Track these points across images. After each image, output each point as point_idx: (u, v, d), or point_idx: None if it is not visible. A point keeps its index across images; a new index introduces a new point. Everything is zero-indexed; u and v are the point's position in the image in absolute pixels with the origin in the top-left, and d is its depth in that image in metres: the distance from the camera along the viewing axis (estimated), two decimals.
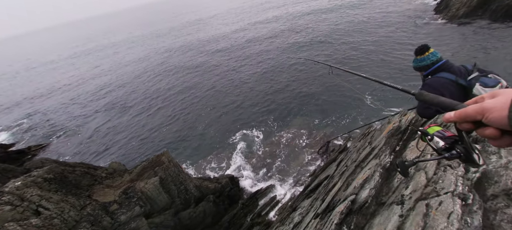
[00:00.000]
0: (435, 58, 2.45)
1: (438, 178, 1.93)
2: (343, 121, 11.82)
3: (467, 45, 15.24)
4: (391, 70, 14.70)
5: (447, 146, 0.81)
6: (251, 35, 31.89)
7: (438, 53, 2.49)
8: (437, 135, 0.89)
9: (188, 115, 15.92)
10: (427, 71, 2.50)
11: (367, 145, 4.19)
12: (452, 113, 0.61)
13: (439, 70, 2.41)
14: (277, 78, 17.89)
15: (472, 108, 0.56)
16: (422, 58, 2.50)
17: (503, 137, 0.52)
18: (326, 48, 20.86)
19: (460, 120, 0.59)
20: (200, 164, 11.58)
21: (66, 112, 21.43)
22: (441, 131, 0.91)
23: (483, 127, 0.55)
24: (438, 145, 0.86)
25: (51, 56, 60.44)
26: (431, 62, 2.46)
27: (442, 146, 0.84)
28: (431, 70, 2.46)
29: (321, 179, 5.26)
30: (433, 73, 2.44)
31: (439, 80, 2.33)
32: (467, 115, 0.57)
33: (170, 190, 6.56)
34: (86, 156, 14.30)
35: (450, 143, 0.81)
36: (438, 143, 0.87)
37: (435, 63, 2.46)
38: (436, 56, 2.46)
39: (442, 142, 0.85)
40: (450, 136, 0.85)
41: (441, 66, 2.41)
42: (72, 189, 4.63)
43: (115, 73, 30.53)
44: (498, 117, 0.50)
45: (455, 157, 0.76)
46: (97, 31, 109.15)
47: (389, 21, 23.44)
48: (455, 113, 0.60)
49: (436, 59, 2.45)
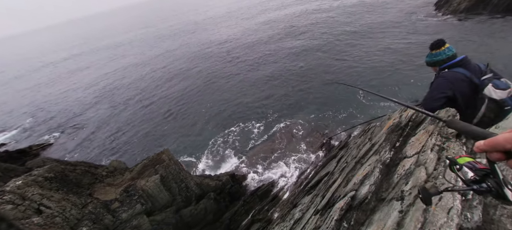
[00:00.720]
0: (450, 53, 2.40)
1: (438, 173, 1.92)
2: (343, 116, 11.81)
3: (468, 40, 15.16)
4: (391, 67, 14.64)
5: (477, 178, 0.76)
6: (250, 33, 31.73)
7: (453, 48, 2.43)
8: (467, 166, 0.83)
9: (188, 112, 15.92)
10: (442, 66, 2.43)
11: (367, 141, 4.19)
12: (482, 142, 0.58)
13: (455, 66, 2.34)
14: (276, 75, 17.85)
15: (502, 137, 0.53)
16: (437, 53, 2.45)
17: None
18: (326, 45, 20.75)
19: (490, 149, 0.56)
20: (201, 162, 11.62)
21: (67, 112, 21.46)
22: (472, 162, 0.86)
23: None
24: (467, 176, 0.81)
25: (50, 56, 60.36)
26: (446, 57, 2.42)
27: (471, 177, 0.79)
28: (447, 65, 2.39)
29: (321, 176, 5.27)
30: (450, 67, 2.37)
31: (455, 75, 2.29)
32: (498, 143, 0.54)
33: (171, 188, 6.59)
34: (86, 155, 14.35)
35: (480, 176, 0.76)
36: (467, 173, 0.82)
37: (451, 58, 2.41)
38: (452, 51, 2.40)
39: (471, 173, 0.80)
40: (482, 168, 0.80)
41: (459, 62, 2.35)
42: (73, 188, 4.65)
43: (114, 72, 30.48)
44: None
45: (485, 192, 0.72)
46: (95, 31, 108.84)
47: (388, 17, 23.29)
48: (485, 142, 0.57)
49: (452, 55, 2.40)
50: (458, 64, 2.33)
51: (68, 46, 73.52)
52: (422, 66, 3.48)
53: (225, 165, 11.00)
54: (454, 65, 2.34)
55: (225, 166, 10.93)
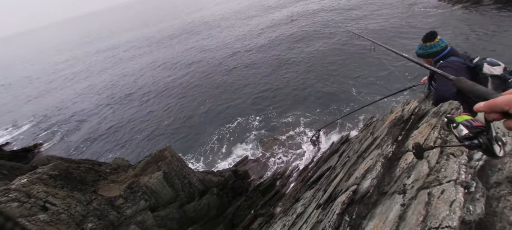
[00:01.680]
0: (444, 45, 2.51)
1: (440, 166, 1.91)
2: (343, 110, 11.77)
3: (471, 31, 14.90)
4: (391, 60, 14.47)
5: (471, 135, 0.80)
6: (249, 30, 31.45)
7: (445, 40, 2.54)
8: (463, 124, 0.88)
9: (188, 109, 15.95)
10: (436, 58, 2.52)
11: (369, 135, 4.17)
12: (482, 103, 0.60)
13: (448, 56, 2.44)
14: (275, 70, 17.75)
15: (501, 99, 0.55)
16: (432, 45, 2.53)
17: None
18: (326, 36, 20.52)
19: (489, 110, 0.58)
20: (203, 158, 11.69)
21: (70, 111, 21.59)
22: (470, 120, 0.89)
23: (511, 118, 0.54)
24: (462, 133, 0.84)
25: (52, 56, 60.47)
26: (440, 48, 2.50)
27: (465, 135, 0.82)
28: (441, 56, 2.49)
29: (323, 170, 5.28)
30: (444, 58, 2.47)
31: (456, 63, 2.36)
32: (496, 105, 0.56)
33: (174, 184, 6.65)
34: (90, 152, 14.50)
35: (474, 133, 0.80)
36: (462, 131, 0.85)
37: (444, 49, 2.50)
38: (444, 42, 2.53)
39: (466, 131, 0.83)
40: (478, 125, 0.83)
41: (449, 53, 2.45)
42: (77, 185, 4.71)
43: (115, 72, 30.51)
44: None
45: (475, 147, 0.75)
46: (94, 30, 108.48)
47: (389, 7, 22.92)
48: (485, 103, 0.59)
49: (444, 46, 2.52)
50: (450, 54, 2.43)
51: (68, 45, 73.53)
52: None
53: (227, 161, 11.06)
54: (447, 55, 2.43)
55: (227, 162, 10.99)
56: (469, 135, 0.81)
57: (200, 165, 11.34)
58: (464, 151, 2.21)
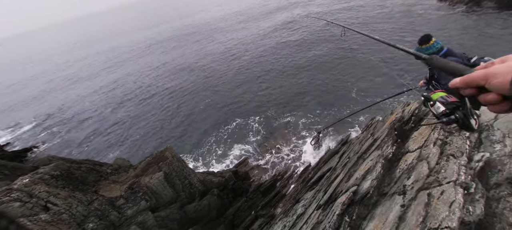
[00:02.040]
0: (439, 46, 2.63)
1: (440, 167, 1.92)
2: (343, 112, 11.76)
3: (472, 32, 14.91)
4: (397, 59, 14.48)
5: (448, 111, 0.82)
6: (250, 33, 31.51)
7: (440, 42, 2.62)
8: (439, 101, 0.90)
9: (189, 110, 15.97)
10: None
11: (369, 136, 4.17)
12: (458, 79, 0.60)
13: (444, 57, 2.49)
14: (275, 72, 17.77)
15: (477, 74, 0.55)
16: (428, 47, 2.64)
17: (503, 102, 0.52)
18: (327, 40, 20.55)
19: (464, 86, 0.58)
20: (203, 158, 11.70)
21: (71, 111, 21.64)
22: (445, 96, 0.92)
23: (486, 92, 0.54)
24: (439, 110, 0.87)
25: (52, 57, 60.73)
26: (436, 50, 2.58)
27: (442, 111, 0.85)
28: (441, 55, 2.56)
29: (323, 171, 5.28)
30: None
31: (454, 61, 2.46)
32: (472, 80, 0.56)
33: (175, 185, 6.66)
34: (91, 153, 14.53)
35: (451, 109, 0.82)
36: (439, 108, 0.87)
37: (440, 50, 2.58)
38: (439, 44, 2.64)
39: (442, 107, 0.86)
40: (453, 101, 0.85)
41: (446, 53, 2.54)
42: (78, 185, 4.73)
43: (115, 71, 30.60)
44: (500, 82, 0.49)
45: (453, 122, 0.77)
46: (95, 32, 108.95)
47: (390, 9, 22.93)
48: (460, 79, 0.59)
49: (440, 47, 2.60)
50: (447, 55, 2.50)
51: (68, 47, 73.84)
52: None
53: (227, 162, 11.06)
54: (445, 55, 2.50)
55: (228, 163, 10.99)
56: (446, 111, 0.83)
57: (200, 165, 11.34)
58: (464, 152, 2.21)
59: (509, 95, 0.49)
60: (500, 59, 0.55)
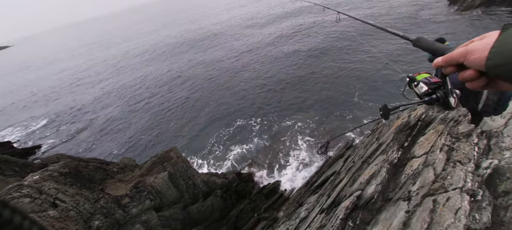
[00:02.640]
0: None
1: (446, 174, 1.89)
2: (345, 116, 11.67)
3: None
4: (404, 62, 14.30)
5: (429, 91, 0.88)
6: (255, 35, 31.66)
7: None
8: (423, 81, 0.95)
9: (194, 111, 16.12)
10: None
11: (374, 141, 4.13)
12: (440, 58, 0.62)
13: None
14: (280, 72, 17.78)
15: (457, 51, 0.57)
16: None
17: (480, 78, 0.53)
18: (333, 41, 20.46)
19: (446, 64, 0.60)
20: (207, 159, 11.76)
21: (80, 111, 22.15)
22: (429, 77, 0.97)
23: (465, 69, 0.56)
24: (422, 90, 0.92)
25: (62, 59, 62.34)
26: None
27: (425, 91, 0.90)
28: None
29: (327, 175, 5.24)
30: None
31: None
32: (452, 58, 0.58)
33: (179, 185, 6.72)
34: (98, 151, 14.80)
35: (433, 88, 0.87)
36: (422, 88, 0.93)
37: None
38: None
39: (425, 87, 0.91)
40: (435, 81, 0.90)
41: None
42: (86, 183, 4.83)
43: (123, 74, 31.19)
44: (477, 58, 0.51)
45: (434, 101, 0.80)
46: (103, 34, 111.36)
47: (398, 11, 22.69)
48: (442, 58, 0.61)
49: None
50: None
51: (75, 51, 75.69)
52: None
53: (231, 163, 11.09)
54: None
55: (232, 164, 11.02)
56: (428, 91, 0.87)
57: (204, 166, 11.41)
58: (471, 158, 2.18)
59: (485, 71, 0.50)
60: (479, 37, 0.55)
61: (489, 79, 0.52)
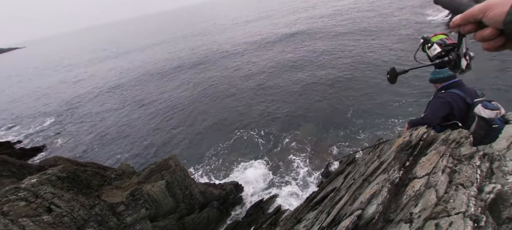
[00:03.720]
0: (448, 74, 2.62)
1: (449, 197, 1.87)
2: (347, 132, 11.62)
3: (487, 62, 14.28)
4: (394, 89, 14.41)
5: (442, 53, 0.83)
6: (257, 47, 32.30)
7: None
8: (437, 43, 0.90)
9: (197, 120, 16.16)
10: (442, 85, 2.67)
11: (375, 159, 4.10)
12: (458, 16, 0.57)
13: (452, 86, 2.56)
14: (280, 88, 17.94)
15: (476, 7, 0.53)
16: (440, 71, 2.71)
17: (498, 38, 0.50)
18: (331, 62, 20.78)
19: (464, 21, 0.56)
20: (206, 169, 11.64)
21: (80, 114, 22.26)
22: (444, 39, 0.95)
23: (483, 28, 0.52)
24: (434, 52, 0.88)
25: (70, 60, 63.46)
26: (447, 75, 2.67)
27: (437, 53, 0.84)
28: (446, 85, 2.62)
29: (327, 191, 5.16)
30: (447, 88, 2.60)
31: (452, 95, 2.55)
32: (471, 14, 0.54)
33: (176, 194, 6.62)
34: (97, 155, 14.71)
35: (446, 51, 0.82)
36: (435, 50, 0.88)
37: (450, 78, 2.66)
38: (449, 73, 2.64)
39: (438, 49, 0.86)
40: (450, 43, 0.86)
41: (454, 84, 2.59)
42: (83, 188, 4.77)
43: (127, 77, 31.59)
44: (497, 14, 0.48)
45: (445, 64, 0.78)
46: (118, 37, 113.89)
47: (401, 36, 23.19)
48: (460, 15, 0.57)
49: (449, 75, 2.63)
50: (454, 85, 2.60)
51: (84, 53, 77.22)
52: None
53: (229, 174, 10.96)
54: (450, 86, 2.61)
55: (229, 175, 10.89)
56: (441, 53, 0.85)
57: (202, 175, 11.27)
58: (474, 182, 2.15)
59: (504, 29, 0.48)
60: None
61: (506, 39, 0.49)
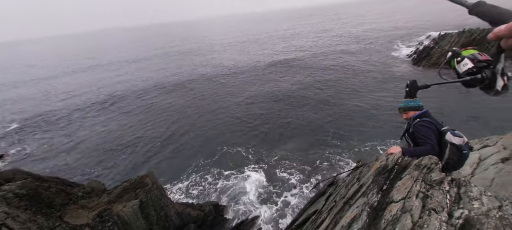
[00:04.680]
0: (420, 104, 2.81)
1: (423, 222, 1.95)
2: (332, 152, 11.93)
3: (447, 92, 16.19)
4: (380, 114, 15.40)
5: (474, 69, 0.73)
6: (245, 62, 33.11)
7: (420, 101, 2.89)
8: (469, 57, 0.80)
9: (177, 135, 15.61)
10: (417, 113, 2.83)
11: (355, 181, 4.21)
12: (503, 26, 0.51)
13: (424, 115, 2.74)
14: (270, 101, 18.26)
15: None
16: (413, 100, 2.87)
17: None
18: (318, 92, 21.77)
19: (510, 33, 0.49)
20: (184, 186, 11.06)
21: (51, 120, 20.48)
22: (476, 54, 0.82)
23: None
24: (464, 68, 0.77)
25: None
26: (418, 105, 2.84)
27: (468, 69, 0.75)
28: (421, 113, 2.80)
29: (309, 214, 5.12)
30: (421, 116, 2.78)
31: (430, 123, 2.68)
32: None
33: (149, 216, 6.15)
34: (65, 169, 13.36)
35: (478, 67, 0.72)
36: (466, 65, 0.77)
37: (421, 108, 2.84)
38: (420, 103, 2.84)
39: (470, 64, 0.76)
40: (485, 59, 0.75)
41: (426, 113, 2.80)
42: (43, 208, 4.25)
43: (104, 87, 30.19)
44: None
45: (476, 82, 0.67)
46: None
47: (371, 64, 25.18)
48: (506, 26, 0.50)
49: (420, 105, 2.81)
50: (426, 114, 2.77)
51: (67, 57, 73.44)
52: None
53: (209, 193, 10.50)
54: (423, 115, 2.78)
55: (209, 194, 10.43)
56: (472, 70, 0.73)
57: (181, 194, 10.66)
58: (444, 207, 2.28)
59: None
60: None
61: None
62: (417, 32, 37.92)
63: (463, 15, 20.21)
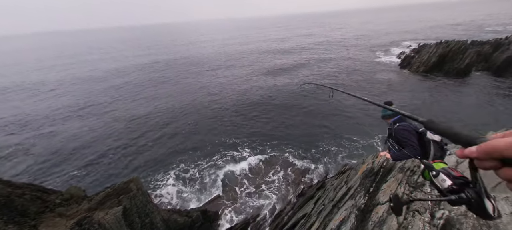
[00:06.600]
0: (396, 109, 2.97)
1: (408, 223, 2.01)
2: (322, 156, 12.12)
3: (425, 94, 18.04)
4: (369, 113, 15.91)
5: (455, 187, 0.69)
6: (238, 66, 33.11)
7: None
8: (443, 172, 0.77)
9: (165, 138, 15.19)
10: (394, 119, 2.97)
11: (343, 184, 4.29)
12: (474, 148, 0.50)
13: (401, 120, 2.88)
14: (257, 108, 18.29)
15: (503, 142, 0.44)
16: (389, 108, 3.01)
17: None
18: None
19: (484, 156, 0.48)
20: (171, 191, 10.72)
21: (25, 121, 19.20)
22: (447, 168, 0.79)
23: (510, 166, 0.45)
24: (444, 183, 0.74)
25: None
26: (396, 112, 2.98)
27: (448, 187, 0.72)
28: (398, 118, 2.94)
29: (298, 217, 5.14)
30: (398, 121, 2.92)
31: (409, 126, 2.80)
32: (496, 150, 0.45)
33: (133, 223, 5.88)
34: (41, 175, 12.49)
35: (459, 184, 0.69)
36: (444, 181, 0.75)
37: (398, 113, 2.96)
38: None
39: (449, 181, 0.73)
40: (458, 176, 0.73)
41: (402, 118, 2.91)
42: (15, 217, 3.93)
43: (84, 87, 28.91)
44: None
45: (464, 202, 0.63)
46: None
47: (358, 72, 26.24)
48: (478, 148, 0.49)
49: (397, 111, 2.96)
50: (402, 119, 2.93)
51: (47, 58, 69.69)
52: None
53: (196, 199, 10.26)
54: (399, 120, 2.93)
55: (197, 200, 10.19)
56: (453, 187, 0.70)
57: (166, 200, 10.32)
58: (427, 208, 2.37)
59: None
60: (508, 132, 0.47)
61: None
62: (396, 42, 40.88)
63: (442, 28, 23.05)
